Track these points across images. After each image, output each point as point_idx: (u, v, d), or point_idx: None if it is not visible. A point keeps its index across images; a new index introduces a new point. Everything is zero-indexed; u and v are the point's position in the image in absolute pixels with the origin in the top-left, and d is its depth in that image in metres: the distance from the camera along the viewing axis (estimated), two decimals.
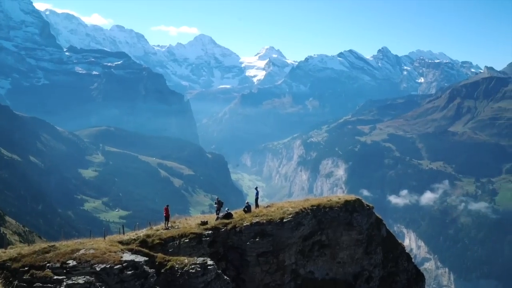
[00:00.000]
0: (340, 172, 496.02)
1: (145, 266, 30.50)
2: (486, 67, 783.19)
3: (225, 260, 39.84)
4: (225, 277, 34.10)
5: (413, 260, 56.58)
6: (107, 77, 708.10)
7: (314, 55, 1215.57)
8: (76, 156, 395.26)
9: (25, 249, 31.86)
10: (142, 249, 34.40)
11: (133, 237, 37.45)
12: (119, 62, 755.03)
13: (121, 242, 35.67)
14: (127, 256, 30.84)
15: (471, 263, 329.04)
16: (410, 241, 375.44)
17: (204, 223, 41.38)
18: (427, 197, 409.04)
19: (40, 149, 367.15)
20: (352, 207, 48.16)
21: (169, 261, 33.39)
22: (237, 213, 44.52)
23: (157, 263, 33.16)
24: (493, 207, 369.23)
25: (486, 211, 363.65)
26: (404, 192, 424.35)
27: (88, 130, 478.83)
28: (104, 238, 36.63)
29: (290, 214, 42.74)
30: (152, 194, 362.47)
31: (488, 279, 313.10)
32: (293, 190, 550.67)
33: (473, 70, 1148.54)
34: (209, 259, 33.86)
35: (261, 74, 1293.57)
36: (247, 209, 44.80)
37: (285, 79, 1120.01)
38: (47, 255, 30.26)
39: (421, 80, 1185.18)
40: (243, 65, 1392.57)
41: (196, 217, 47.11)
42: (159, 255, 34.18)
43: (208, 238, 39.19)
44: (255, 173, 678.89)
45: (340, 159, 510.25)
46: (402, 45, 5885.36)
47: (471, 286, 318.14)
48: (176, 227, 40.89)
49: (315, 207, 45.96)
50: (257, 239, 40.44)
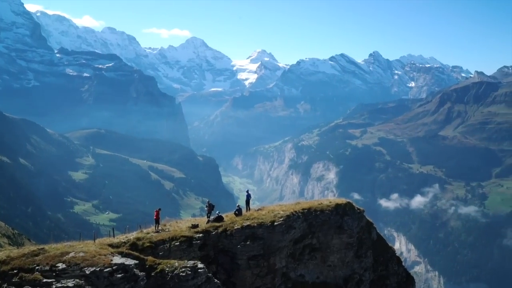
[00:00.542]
0: (331, 175, 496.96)
1: (135, 269, 30.34)
2: (476, 72, 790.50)
3: (215, 264, 39.72)
4: (216, 280, 33.97)
5: (403, 263, 56.72)
6: (98, 79, 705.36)
7: (306, 58, 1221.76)
8: (66, 158, 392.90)
9: (14, 251, 31.58)
10: (132, 252, 34.23)
11: (123, 240, 37.24)
12: (110, 64, 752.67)
13: (111, 245, 35.45)
14: (117, 259, 30.65)
15: (461, 267, 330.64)
16: (400, 245, 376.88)
17: (194, 226, 41.24)
18: (418, 201, 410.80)
19: (30, 151, 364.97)
20: (343, 211, 48.19)
21: (159, 264, 33.23)
22: (228, 216, 44.42)
23: (147, 266, 32.98)
24: (483, 211, 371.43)
25: (476, 215, 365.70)
26: (395, 195, 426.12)
27: (79, 132, 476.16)
28: (94, 241, 36.40)
29: (281, 217, 42.69)
30: (142, 197, 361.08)
31: (478, 283, 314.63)
32: (284, 194, 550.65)
33: (463, 74, 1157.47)
34: (199, 262, 33.74)
35: (252, 77, 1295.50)
36: (238, 212, 44.71)
37: (276, 82, 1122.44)
38: (36, 258, 30.00)
39: (412, 84, 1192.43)
40: (234, 68, 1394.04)
41: (186, 220, 46.94)
42: (149, 258, 34.01)
43: (198, 241, 39.06)
44: (246, 176, 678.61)
45: (331, 162, 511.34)
46: (393, 49, 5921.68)
47: None
48: (167, 230, 40.72)
49: (306, 210, 45.95)
50: (248, 243, 40.35)
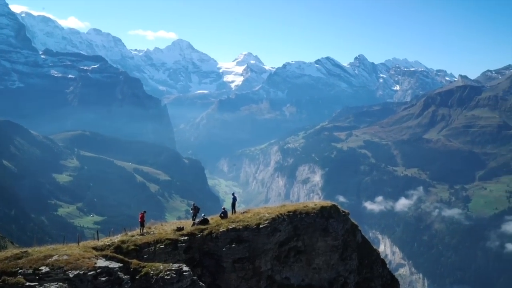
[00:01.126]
0: (317, 178, 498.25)
1: (119, 273, 30.17)
2: (460, 75, 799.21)
3: (200, 266, 39.64)
4: (201, 283, 33.86)
5: (388, 266, 56.98)
6: (83, 80, 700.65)
7: (292, 61, 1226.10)
8: (51, 160, 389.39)
9: None
10: (116, 255, 34.00)
11: (108, 243, 37.04)
12: (95, 66, 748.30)
13: (95, 248, 35.24)
14: (101, 262, 30.47)
15: (445, 269, 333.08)
16: (385, 247, 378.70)
17: (180, 229, 41.13)
18: (402, 204, 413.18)
19: (14, 153, 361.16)
20: (328, 213, 48.34)
21: (144, 267, 33.06)
22: (214, 219, 44.38)
23: (131, 269, 32.79)
24: (466, 213, 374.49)
25: (460, 218, 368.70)
26: (380, 198, 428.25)
27: (63, 134, 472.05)
28: (78, 244, 36.15)
29: (266, 220, 42.73)
30: (127, 200, 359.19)
31: (461, 285, 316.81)
32: (269, 196, 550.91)
33: (447, 78, 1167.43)
34: (184, 265, 33.61)
35: (238, 80, 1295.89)
36: (224, 215, 44.69)
37: (262, 85, 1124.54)
38: (19, 261, 29.70)
39: (397, 87, 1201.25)
40: (221, 71, 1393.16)
41: (172, 223, 46.78)
42: (134, 261, 33.81)
43: (183, 244, 38.95)
44: (232, 179, 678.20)
45: (317, 165, 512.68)
46: (379, 53, 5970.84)
47: None
48: (152, 233, 40.56)
49: (291, 213, 46.03)
50: (233, 245, 40.32)
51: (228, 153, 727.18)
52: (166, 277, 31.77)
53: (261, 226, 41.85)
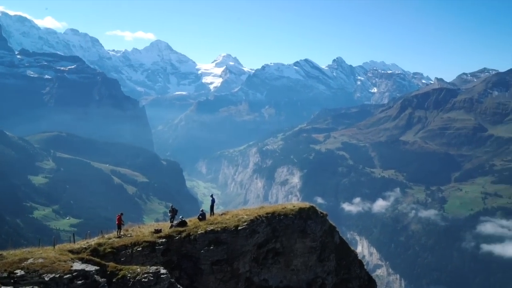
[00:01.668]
0: (295, 179, 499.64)
1: (96, 276, 29.89)
2: (436, 78, 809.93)
3: (178, 269, 39.47)
4: (179, 286, 33.74)
5: (365, 266, 57.46)
6: (60, 81, 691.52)
7: (271, 63, 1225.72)
8: (26, 162, 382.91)
9: None
10: (93, 258, 33.72)
11: (84, 246, 36.68)
12: (72, 66, 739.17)
13: (71, 251, 34.87)
14: (78, 265, 30.17)
15: (421, 270, 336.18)
16: (362, 248, 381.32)
17: (157, 231, 40.91)
18: (379, 205, 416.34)
19: None
20: (306, 215, 48.56)
21: (121, 270, 32.80)
22: (192, 221, 44.23)
23: (108, 272, 32.51)
24: (442, 214, 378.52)
25: (436, 219, 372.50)
26: (357, 199, 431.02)
27: (39, 135, 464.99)
28: (54, 247, 35.71)
29: (245, 221, 42.78)
30: (104, 202, 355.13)
31: (438, 285, 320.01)
32: (248, 198, 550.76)
33: (424, 81, 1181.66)
34: (162, 267, 33.44)
35: (217, 81, 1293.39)
36: (202, 217, 44.59)
37: (241, 86, 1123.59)
38: None
39: (374, 90, 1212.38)
40: (199, 72, 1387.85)
41: (149, 225, 46.55)
42: (111, 264, 33.55)
43: (161, 247, 38.76)
44: (211, 181, 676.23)
45: (295, 167, 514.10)
46: (357, 55, 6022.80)
47: None
48: (129, 235, 40.27)
49: (270, 214, 46.15)
50: (211, 247, 40.26)
51: (207, 154, 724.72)
52: (143, 280, 31.58)
53: (239, 228, 41.88)
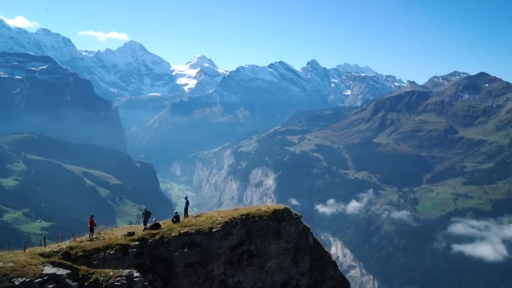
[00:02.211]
0: (270, 181, 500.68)
1: (67, 279, 29.40)
2: (408, 81, 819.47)
3: (152, 272, 39.11)
4: None
5: (339, 267, 57.88)
6: (31, 82, 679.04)
7: (245, 65, 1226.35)
8: None
9: None
10: (64, 261, 33.17)
11: (55, 249, 36.06)
12: (44, 67, 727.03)
13: (42, 255, 34.25)
14: (49, 269, 29.65)
15: (394, 270, 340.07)
16: (336, 249, 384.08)
17: (130, 234, 40.46)
18: (353, 206, 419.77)
19: None
20: (281, 216, 48.66)
21: (93, 273, 32.33)
22: (165, 223, 43.90)
23: (80, 276, 32.01)
24: (414, 215, 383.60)
25: (408, 219, 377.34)
26: (331, 201, 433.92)
27: (9, 137, 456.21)
28: (24, 251, 35.03)
29: (219, 223, 42.66)
30: (76, 204, 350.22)
31: (410, 285, 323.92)
32: (223, 200, 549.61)
33: (396, 84, 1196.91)
34: (135, 271, 33.07)
35: (192, 83, 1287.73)
36: (176, 219, 44.28)
37: (216, 88, 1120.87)
38: None
39: (348, 92, 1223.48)
40: (174, 73, 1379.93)
41: (122, 228, 45.97)
42: (83, 267, 33.04)
43: (134, 250, 38.34)
44: (185, 183, 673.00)
45: (270, 168, 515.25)
46: (331, 58, 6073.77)
47: None
48: (101, 238, 39.74)
49: (244, 216, 46.14)
50: (185, 250, 40.00)
51: (181, 156, 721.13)
52: (116, 283, 31.18)
53: (213, 230, 41.73)
